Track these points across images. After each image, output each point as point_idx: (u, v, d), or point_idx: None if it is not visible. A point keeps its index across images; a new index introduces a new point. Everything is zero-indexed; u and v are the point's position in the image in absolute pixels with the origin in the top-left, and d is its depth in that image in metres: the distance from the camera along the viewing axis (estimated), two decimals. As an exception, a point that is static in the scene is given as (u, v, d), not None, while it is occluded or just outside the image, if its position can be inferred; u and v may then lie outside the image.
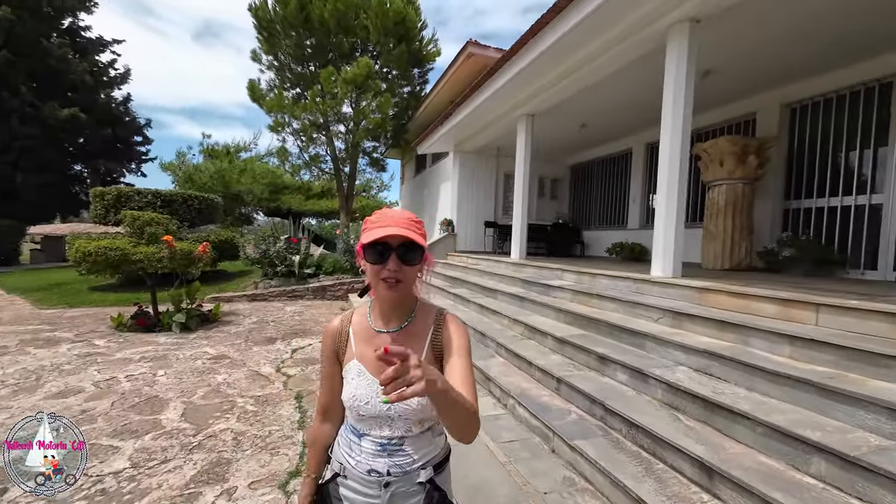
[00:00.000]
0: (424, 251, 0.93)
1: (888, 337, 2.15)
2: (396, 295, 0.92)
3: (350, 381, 0.96)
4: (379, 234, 0.86)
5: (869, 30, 4.03)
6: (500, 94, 6.10)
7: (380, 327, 0.99)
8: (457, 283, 6.73)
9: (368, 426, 0.96)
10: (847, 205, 4.90)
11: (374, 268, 0.90)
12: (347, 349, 1.00)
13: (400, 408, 0.92)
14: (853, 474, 1.58)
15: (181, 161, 16.62)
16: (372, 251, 0.89)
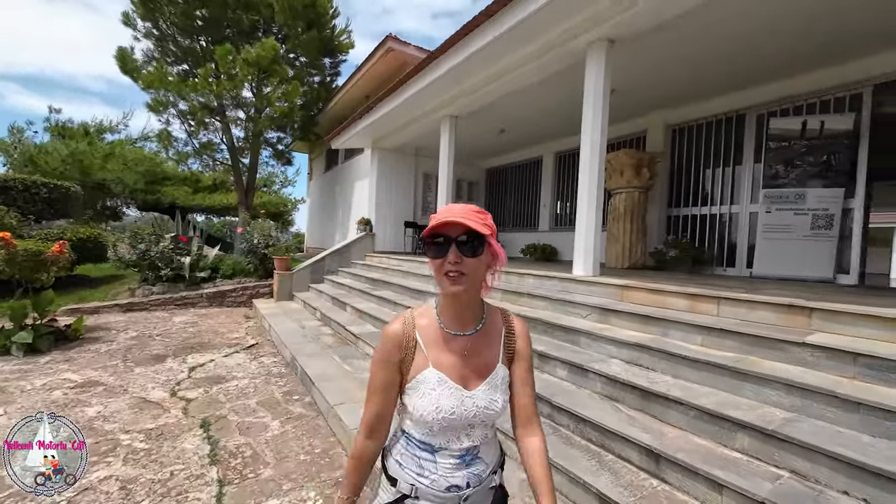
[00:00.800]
0: (487, 242, 0.86)
1: (773, 324, 2.57)
2: (461, 289, 0.86)
3: (428, 393, 0.89)
4: (435, 223, 0.83)
5: (733, 69, 4.88)
6: (424, 92, 6.02)
7: (455, 329, 0.94)
8: (379, 285, 6.46)
9: (447, 439, 0.91)
10: (714, 213, 5.88)
11: (436, 262, 0.86)
12: (416, 357, 0.92)
13: (486, 412, 0.91)
14: (770, 446, 1.83)
15: (17, 139, 13.13)
16: (431, 245, 0.86)
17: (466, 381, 0.91)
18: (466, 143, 8.41)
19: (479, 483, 0.93)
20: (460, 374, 0.91)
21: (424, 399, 0.88)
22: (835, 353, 2.09)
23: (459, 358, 0.92)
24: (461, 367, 0.91)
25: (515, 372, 0.99)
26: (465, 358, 0.92)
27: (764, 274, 4.91)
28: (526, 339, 1.02)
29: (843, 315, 2.32)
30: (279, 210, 18.30)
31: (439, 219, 0.84)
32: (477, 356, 0.94)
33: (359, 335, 4.66)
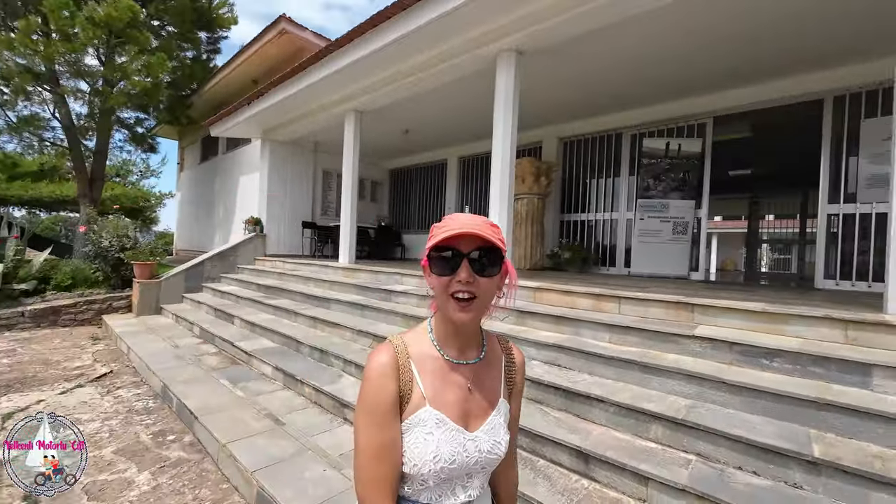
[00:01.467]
0: (504, 260, 0.76)
1: (665, 319, 2.91)
2: (471, 316, 0.73)
3: (425, 438, 0.72)
4: (446, 235, 0.70)
5: (614, 92, 5.52)
6: (327, 83, 5.54)
7: (457, 357, 0.79)
8: (275, 293, 5.75)
9: (439, 494, 0.75)
10: (598, 219, 6.61)
11: (442, 280, 0.73)
12: (413, 393, 0.74)
13: (489, 457, 0.77)
14: (679, 433, 2.01)
15: None
16: (438, 260, 0.73)
17: (468, 420, 0.77)
18: (370, 141, 8.06)
19: None
20: (462, 413, 0.76)
21: (420, 446, 0.71)
22: (716, 343, 2.42)
23: (462, 392, 0.78)
24: (463, 404, 0.77)
25: (512, 407, 0.87)
26: (467, 393, 0.78)
27: (639, 272, 5.67)
28: (524, 369, 0.91)
29: (716, 309, 2.73)
30: (139, 205, 15.29)
31: (449, 230, 0.71)
32: (481, 389, 0.80)
33: (252, 352, 4.04)
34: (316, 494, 2.02)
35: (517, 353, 0.90)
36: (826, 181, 4.71)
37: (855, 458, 1.67)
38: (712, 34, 4.05)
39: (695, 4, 3.47)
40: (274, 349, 4.16)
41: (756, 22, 3.82)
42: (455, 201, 8.87)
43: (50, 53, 8.02)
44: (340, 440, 2.62)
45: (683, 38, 4.14)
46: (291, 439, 2.61)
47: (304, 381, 3.32)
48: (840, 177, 4.65)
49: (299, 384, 3.37)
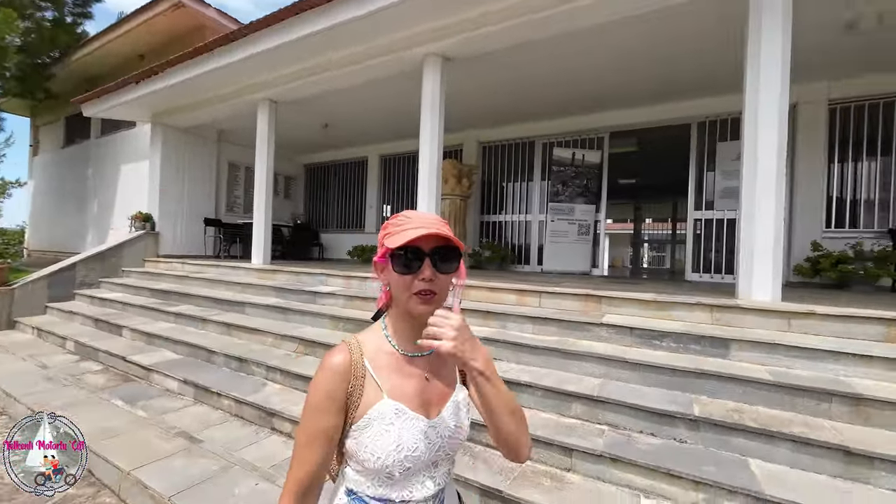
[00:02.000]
0: (461, 256, 0.79)
1: (578, 310, 3.28)
2: (431, 309, 0.75)
3: (386, 430, 0.74)
4: (409, 237, 0.72)
5: (533, 103, 5.99)
6: (240, 68, 5.10)
7: (412, 351, 0.82)
8: (175, 298, 5.12)
9: (409, 487, 0.77)
10: (515, 220, 7.11)
11: (404, 279, 0.75)
12: (366, 389, 0.77)
13: (451, 441, 0.81)
14: (596, 408, 2.32)
15: None
16: (400, 259, 0.75)
17: (428, 408, 0.80)
18: (285, 134, 7.54)
19: None
20: (420, 402, 0.79)
21: (381, 438, 0.74)
22: (620, 329, 2.82)
23: (419, 383, 0.81)
24: (421, 394, 0.80)
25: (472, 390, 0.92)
26: (425, 382, 0.81)
27: (550, 269, 6.24)
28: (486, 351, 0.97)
29: (618, 300, 3.16)
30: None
31: (412, 229, 0.74)
32: (437, 377, 0.84)
33: (152, 366, 3.57)
34: None
35: None
36: (692, 191, 5.71)
37: (720, 413, 2.11)
38: (604, 62, 4.67)
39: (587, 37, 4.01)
40: (179, 361, 3.72)
41: (634, 58, 4.54)
42: (377, 199, 8.77)
43: None
44: (270, 451, 2.47)
45: (583, 62, 4.71)
46: (213, 457, 2.39)
47: (221, 394, 3.04)
48: (702, 188, 5.67)
49: (215, 397, 3.08)
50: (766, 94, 3.01)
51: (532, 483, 1.96)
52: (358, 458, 0.75)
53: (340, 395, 0.75)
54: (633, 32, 4.00)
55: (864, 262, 4.55)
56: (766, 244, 2.96)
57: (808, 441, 1.88)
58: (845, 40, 4.03)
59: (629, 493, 1.90)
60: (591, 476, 2.01)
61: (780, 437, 1.93)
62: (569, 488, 1.93)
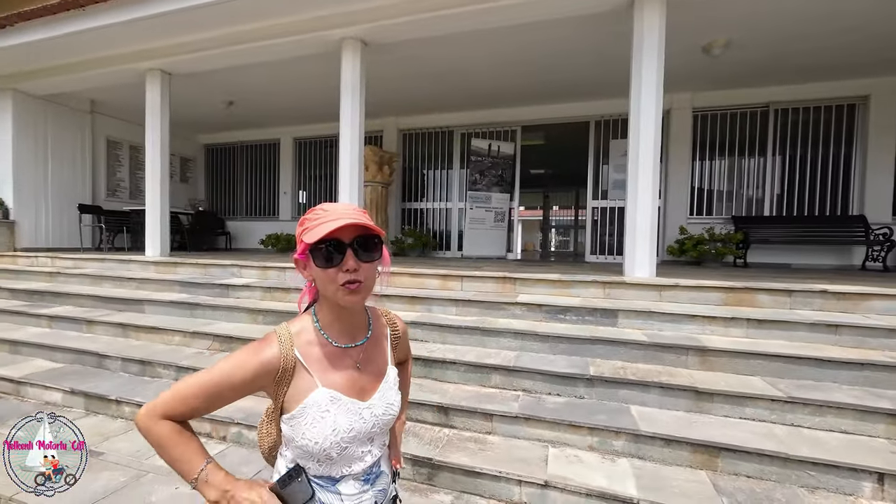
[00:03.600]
0: (383, 243, 0.82)
1: (496, 291, 3.58)
2: (361, 299, 0.79)
3: (322, 416, 0.78)
4: (327, 230, 0.72)
5: (450, 93, 6.16)
6: (124, 30, 4.43)
7: (345, 342, 0.85)
8: (47, 299, 4.37)
9: (348, 463, 0.83)
10: (436, 207, 7.31)
11: (328, 273, 0.75)
12: (298, 381, 0.80)
13: (384, 418, 0.86)
14: (512, 377, 2.60)
15: None
16: (321, 253, 0.75)
17: (361, 393, 0.84)
18: (180, 110, 6.74)
19: (385, 498, 0.89)
20: (354, 388, 0.83)
21: (318, 424, 0.77)
22: (532, 307, 3.17)
23: (352, 371, 0.84)
24: (355, 381, 0.84)
25: (401, 371, 1.00)
26: (357, 371, 0.85)
27: (470, 255, 6.59)
28: (407, 335, 1.04)
29: (530, 281, 3.52)
30: None
31: (329, 221, 0.73)
32: (369, 364, 0.88)
33: (24, 379, 3.07)
34: (173, 514, 1.82)
35: (399, 323, 1.01)
36: (591, 182, 6.44)
37: (610, 371, 2.53)
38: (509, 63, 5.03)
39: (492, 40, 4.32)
40: (61, 370, 3.25)
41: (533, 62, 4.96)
42: (291, 185, 8.30)
43: None
44: (189, 454, 2.34)
45: (492, 61, 5.01)
46: (120, 467, 2.20)
47: (121, 400, 2.76)
48: (598, 179, 6.43)
49: (114, 405, 2.78)
50: (646, 100, 3.55)
51: (458, 448, 2.17)
52: (296, 443, 0.78)
53: (260, 384, 0.78)
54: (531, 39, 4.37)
55: (715, 243, 5.63)
56: (644, 229, 3.53)
57: (670, 386, 2.36)
58: (703, 60, 4.85)
59: (539, 445, 2.21)
60: (509, 436, 2.28)
61: (653, 385, 2.39)
62: (490, 448, 2.18)
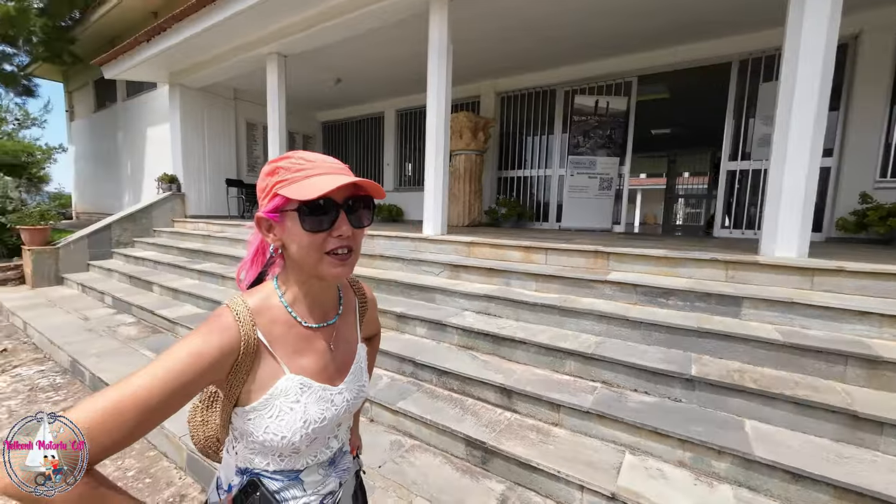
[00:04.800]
0: (375, 207, 0.72)
1: (584, 267, 3.16)
2: (348, 271, 0.68)
3: (290, 407, 0.67)
4: (326, 186, 0.60)
5: (553, 45, 5.53)
6: (241, 19, 4.93)
7: (316, 321, 0.73)
8: (199, 257, 5.36)
9: (314, 453, 0.73)
10: (533, 175, 6.83)
11: (315, 237, 0.64)
12: (261, 366, 0.66)
13: (356, 402, 0.78)
14: (589, 366, 2.27)
15: None
16: (312, 214, 0.62)
17: (332, 377, 0.74)
18: (299, 91, 7.45)
19: (349, 475, 0.83)
20: (326, 372, 0.73)
21: (287, 415, 0.66)
22: (625, 287, 2.70)
23: (323, 354, 0.73)
24: (326, 364, 0.73)
25: (369, 348, 0.94)
26: (329, 352, 0.74)
27: (568, 226, 6.04)
28: (375, 305, 0.94)
29: (627, 257, 3.01)
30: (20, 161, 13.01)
31: (324, 183, 0.60)
32: (341, 344, 0.77)
33: (177, 319, 3.80)
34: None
35: (368, 291, 0.90)
36: (728, 140, 5.22)
37: (719, 373, 2.01)
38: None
39: None
40: (201, 315, 3.95)
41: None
42: (393, 157, 8.62)
43: None
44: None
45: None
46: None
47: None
48: (739, 136, 5.17)
49: (230, 348, 3.26)
50: (810, 21, 2.60)
51: (517, 436, 1.98)
52: (255, 439, 0.66)
53: (212, 378, 0.62)
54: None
55: (921, 215, 4.10)
56: (794, 195, 2.68)
57: (812, 404, 1.77)
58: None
59: (614, 448, 1.89)
60: (578, 431, 2.00)
61: (782, 398, 1.82)
62: (553, 442, 1.94)
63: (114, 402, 0.54)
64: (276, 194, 0.64)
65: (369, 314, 0.89)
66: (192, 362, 0.58)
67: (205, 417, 0.82)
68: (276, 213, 0.64)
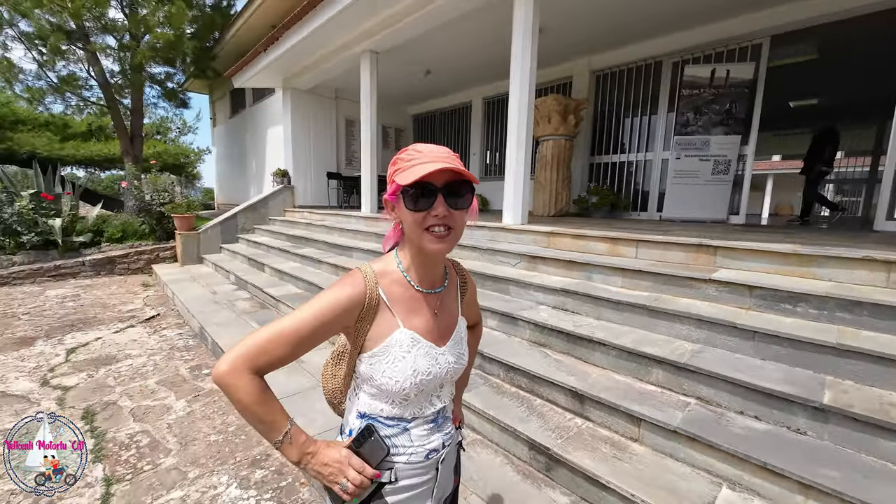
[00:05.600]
0: (474, 192, 0.79)
1: (684, 263, 2.73)
2: (447, 248, 0.77)
3: (403, 356, 0.79)
4: (421, 172, 0.71)
5: (652, 14, 4.86)
6: (336, 21, 5.25)
7: (426, 287, 0.85)
8: (302, 243, 5.96)
9: (420, 406, 0.84)
10: (631, 160, 6.16)
11: (416, 216, 0.75)
12: (380, 319, 0.80)
13: (456, 367, 0.87)
14: (680, 377, 1.95)
15: None
16: (413, 195, 0.74)
17: (437, 338, 0.85)
18: (391, 86, 7.76)
19: (451, 441, 0.91)
20: (432, 334, 0.85)
21: (400, 363, 0.78)
22: (735, 287, 2.26)
23: (430, 317, 0.85)
24: (432, 326, 0.85)
25: (471, 335, 1.03)
26: (435, 317, 0.86)
27: (671, 217, 5.33)
28: (475, 290, 1.03)
29: (741, 252, 2.52)
30: (179, 161, 15.97)
31: (424, 170, 0.71)
32: (444, 313, 0.89)
33: (279, 298, 4.27)
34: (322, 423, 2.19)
35: (469, 278, 1.00)
36: (903, 107, 4.05)
37: (868, 405, 1.55)
38: None
39: None
40: (299, 295, 4.38)
41: None
42: (480, 146, 8.54)
43: (77, 8, 8.12)
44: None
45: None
46: (308, 375, 2.80)
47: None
48: (921, 100, 3.98)
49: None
50: None
51: (588, 447, 1.79)
52: (375, 382, 0.79)
53: (344, 322, 0.78)
54: None
55: None
56: None
57: None
58: None
59: (706, 478, 1.59)
60: (661, 452, 1.73)
61: (969, 450, 1.34)
62: (630, 459, 1.71)
63: (277, 331, 0.73)
64: (393, 181, 0.77)
65: (469, 295, 0.99)
66: (331, 307, 0.75)
67: (334, 371, 0.97)
68: (393, 196, 0.78)
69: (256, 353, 0.71)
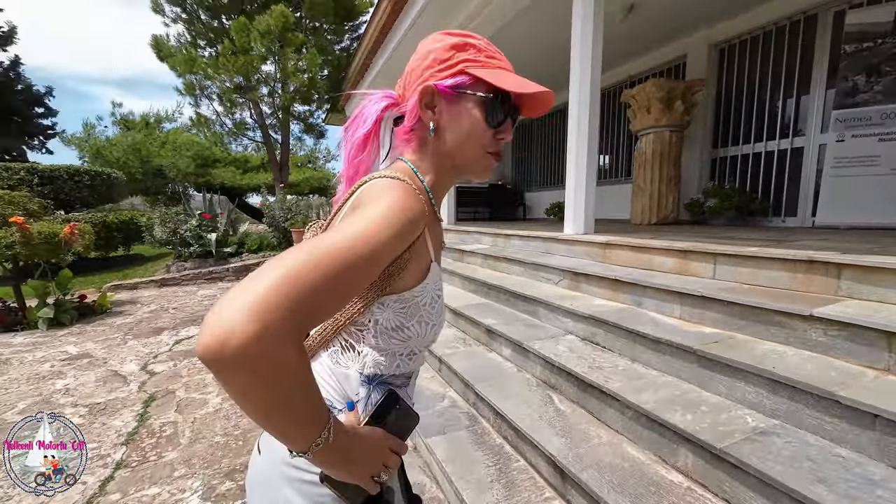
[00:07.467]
0: None
1: (783, 288, 1.83)
2: (491, 174, 0.67)
3: (438, 296, 0.63)
4: (533, 88, 0.59)
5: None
6: (412, 33, 5.38)
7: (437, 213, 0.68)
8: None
9: (420, 357, 0.69)
10: (770, 150, 4.68)
11: (488, 132, 0.61)
12: (421, 251, 0.59)
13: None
14: (720, 470, 1.24)
15: (88, 134, 14.65)
16: (502, 107, 0.61)
17: None
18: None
19: None
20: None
21: (435, 305, 0.62)
22: (861, 332, 1.37)
23: (440, 250, 0.70)
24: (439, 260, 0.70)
25: None
26: (441, 247, 0.71)
27: (829, 223, 3.81)
28: None
29: (884, 273, 1.54)
30: (322, 185, 18.76)
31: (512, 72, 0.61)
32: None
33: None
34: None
35: None
36: None
37: None
38: None
39: None
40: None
41: None
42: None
43: (242, 67, 10.27)
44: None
45: None
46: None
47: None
48: None
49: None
50: None
51: (550, 546, 1.25)
52: (404, 333, 0.60)
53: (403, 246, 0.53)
54: None
55: None
56: None
57: None
58: None
59: None
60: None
61: None
62: (601, 585, 1.12)
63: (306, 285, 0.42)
64: (462, 71, 0.59)
65: None
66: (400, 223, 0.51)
67: None
68: (452, 91, 0.59)
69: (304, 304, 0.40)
